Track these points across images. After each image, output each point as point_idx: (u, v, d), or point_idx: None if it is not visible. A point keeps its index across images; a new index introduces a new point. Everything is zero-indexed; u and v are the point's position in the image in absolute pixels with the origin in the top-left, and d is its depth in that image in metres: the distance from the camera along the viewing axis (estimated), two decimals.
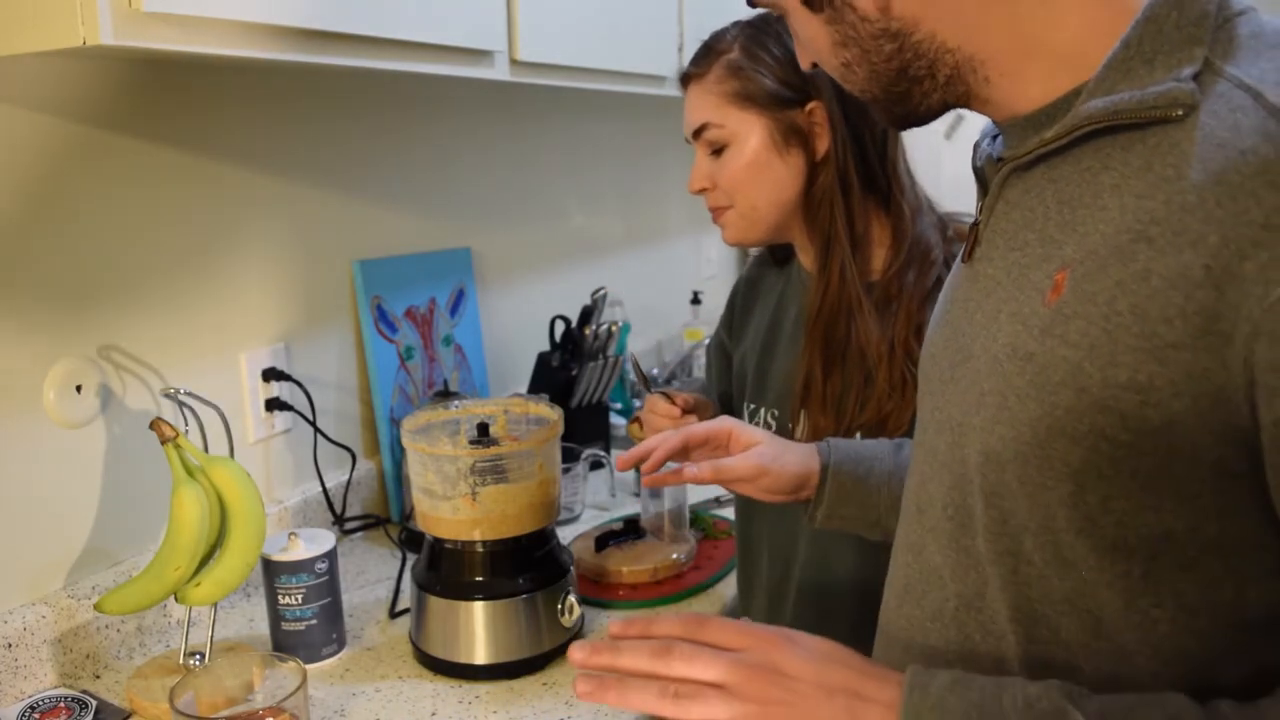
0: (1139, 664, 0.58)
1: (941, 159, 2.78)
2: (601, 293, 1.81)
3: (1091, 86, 0.59)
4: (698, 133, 1.12)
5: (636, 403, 2.16)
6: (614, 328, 1.80)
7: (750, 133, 1.09)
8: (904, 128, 0.71)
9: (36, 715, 1.02)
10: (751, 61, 1.09)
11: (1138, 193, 0.55)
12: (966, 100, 0.66)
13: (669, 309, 2.47)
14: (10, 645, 1.04)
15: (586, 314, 1.79)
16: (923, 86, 0.65)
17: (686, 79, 1.15)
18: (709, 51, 1.13)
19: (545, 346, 1.81)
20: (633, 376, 1.24)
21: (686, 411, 1.15)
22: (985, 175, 0.70)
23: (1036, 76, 0.62)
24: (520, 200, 1.89)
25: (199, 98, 1.25)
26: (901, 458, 0.97)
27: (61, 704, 1.04)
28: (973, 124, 2.91)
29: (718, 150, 1.11)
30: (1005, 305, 0.62)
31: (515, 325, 1.88)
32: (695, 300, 2.47)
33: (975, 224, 0.69)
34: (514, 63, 1.31)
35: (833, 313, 1.09)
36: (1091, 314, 0.55)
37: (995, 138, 0.71)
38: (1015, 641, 0.62)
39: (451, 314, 1.68)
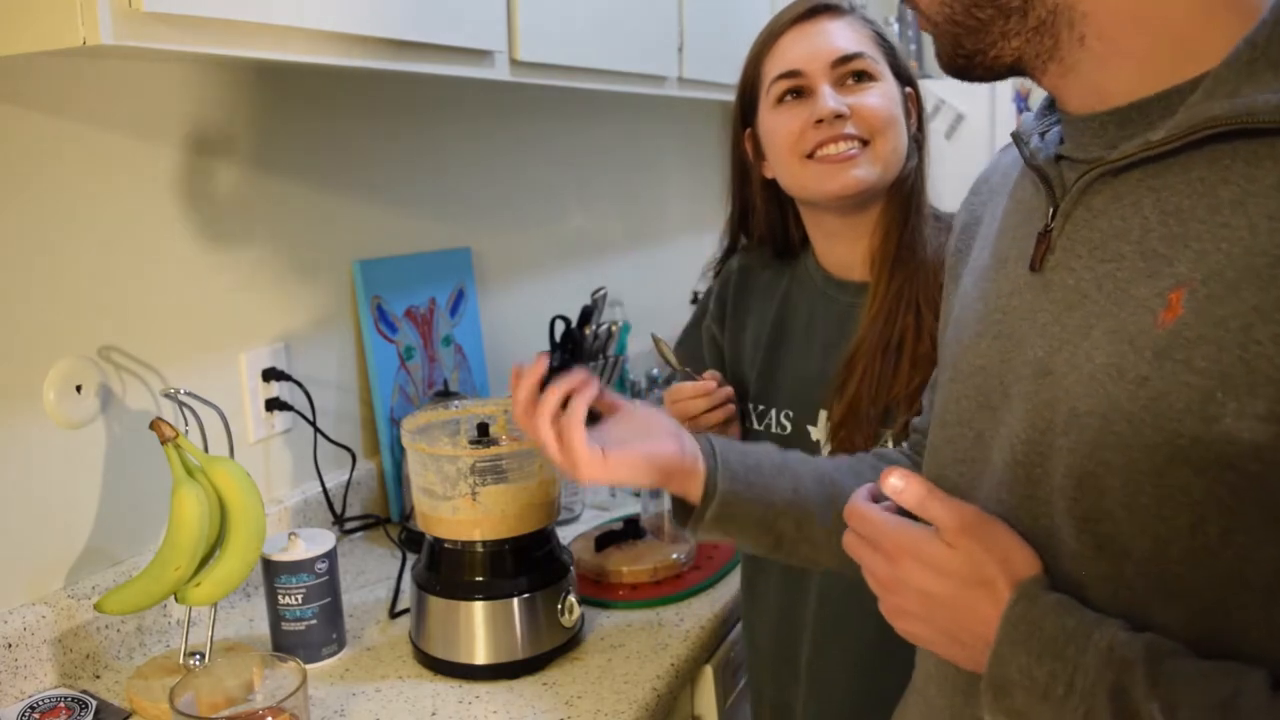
0: None
1: (943, 159, 2.78)
2: (601, 293, 1.80)
3: (1209, 86, 0.55)
4: (849, 59, 1.06)
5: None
6: (614, 328, 1.79)
7: (889, 81, 1.08)
8: (963, 72, 0.65)
9: (36, 715, 1.02)
10: (880, 27, 1.11)
11: (1269, 213, 0.52)
12: (1045, 65, 0.61)
13: (669, 309, 2.46)
14: (10, 645, 1.04)
15: (586, 314, 1.78)
16: (1008, 22, 0.60)
17: (820, 10, 1.09)
18: (840, 3, 1.10)
19: (545, 346, 1.80)
20: (666, 360, 1.18)
21: (720, 384, 1.12)
22: (1048, 176, 0.65)
23: (1136, 54, 0.58)
24: (520, 200, 1.89)
25: (198, 98, 1.25)
26: (791, 456, 0.92)
27: (61, 704, 1.04)
28: (973, 124, 2.91)
29: (858, 79, 1.06)
30: (1100, 321, 0.58)
31: (515, 325, 1.88)
32: (695, 300, 2.47)
33: (1046, 231, 0.64)
34: (514, 63, 1.31)
35: (892, 310, 1.06)
36: (1223, 340, 0.52)
37: (1044, 134, 0.67)
38: None
39: (451, 314, 1.68)
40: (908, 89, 1.11)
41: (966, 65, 0.64)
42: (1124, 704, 0.54)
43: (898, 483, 0.65)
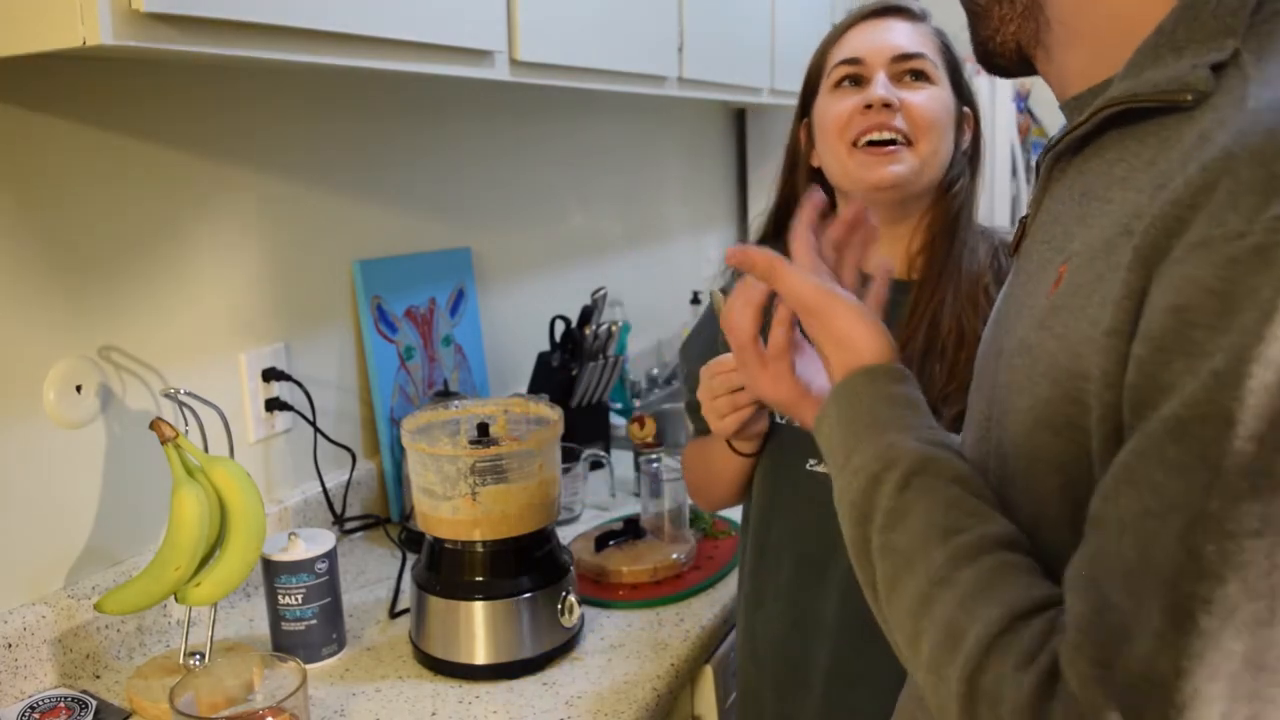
0: None
1: None
2: (601, 293, 1.81)
3: (1122, 72, 0.58)
4: (908, 57, 1.09)
5: (637, 402, 2.16)
6: (614, 328, 1.80)
7: (945, 89, 1.10)
8: (987, 61, 0.70)
9: (36, 715, 1.02)
10: (949, 41, 1.13)
11: (1137, 187, 0.54)
12: (1035, 51, 0.66)
13: (669, 309, 2.47)
14: (10, 645, 1.04)
15: (586, 314, 1.79)
16: (1002, 8, 0.65)
17: (892, 10, 1.13)
18: (916, 6, 1.13)
19: (545, 346, 1.81)
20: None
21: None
22: (1040, 165, 0.69)
23: (1087, 38, 0.62)
24: (520, 200, 1.89)
25: (200, 98, 1.25)
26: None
27: (61, 704, 1.04)
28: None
29: (915, 77, 1.09)
30: (1028, 300, 0.62)
31: (515, 325, 1.88)
32: (695, 300, 2.47)
33: (1024, 220, 0.69)
34: (514, 63, 1.31)
35: (936, 317, 1.07)
36: (1073, 305, 0.55)
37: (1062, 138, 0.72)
38: None
39: (451, 314, 1.68)
40: (965, 108, 1.13)
41: (984, 54, 0.69)
42: (871, 493, 0.61)
43: (737, 252, 0.72)
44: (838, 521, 1.00)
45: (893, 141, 1.07)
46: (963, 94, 1.13)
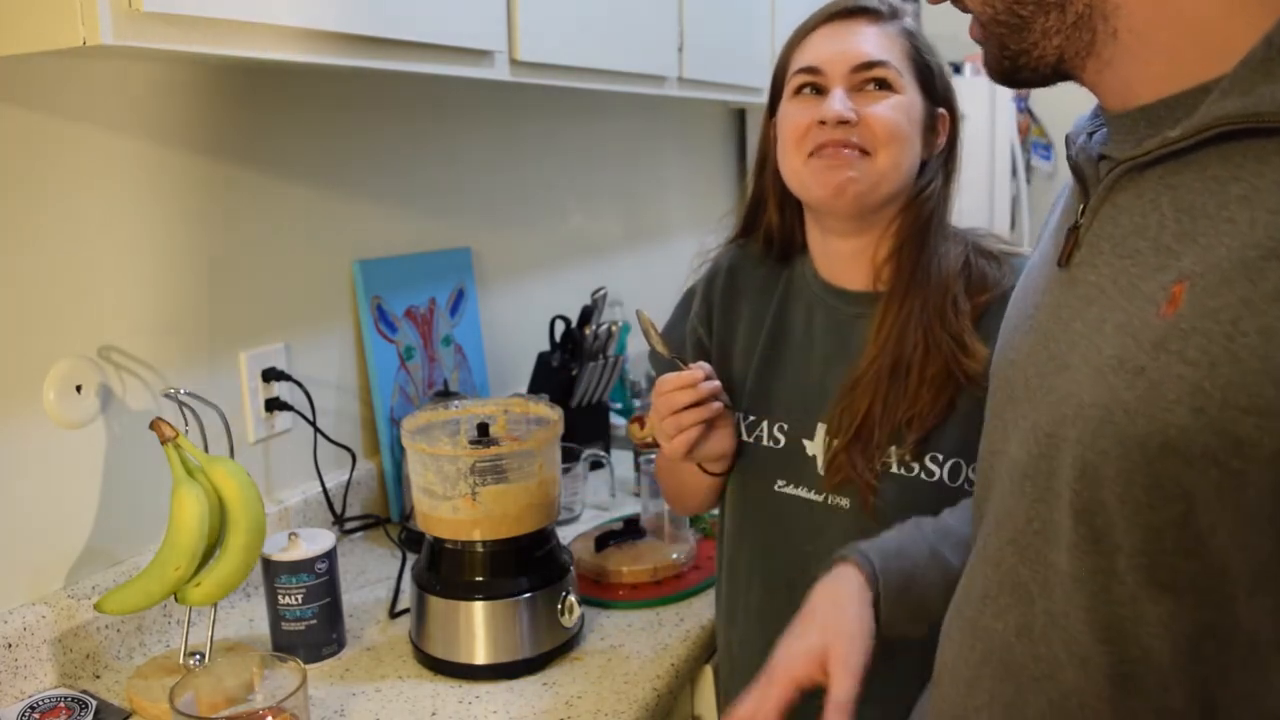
0: (1235, 684, 0.56)
1: None
2: (601, 293, 1.81)
3: (1226, 85, 0.55)
4: (870, 65, 1.04)
5: (637, 402, 2.16)
6: (614, 328, 1.80)
7: (911, 96, 1.06)
8: (1010, 75, 0.66)
9: (36, 715, 1.02)
10: (921, 42, 1.08)
11: (1271, 208, 0.52)
12: (1084, 62, 0.62)
13: (669, 309, 2.46)
14: (10, 645, 1.04)
15: (586, 314, 1.79)
16: (1048, 19, 0.61)
17: (857, 11, 1.07)
18: (884, 6, 1.08)
19: (545, 346, 1.81)
20: (651, 344, 1.13)
21: (708, 378, 1.04)
22: (1085, 174, 0.66)
23: (1164, 48, 0.59)
24: (520, 200, 1.89)
25: (199, 98, 1.25)
26: (930, 534, 0.91)
27: (61, 704, 1.04)
28: (973, 124, 2.90)
29: (878, 86, 1.04)
30: (1111, 315, 0.59)
31: (515, 325, 1.88)
32: None
33: (1075, 227, 0.65)
34: (514, 63, 1.31)
35: (903, 331, 1.03)
36: (1213, 331, 0.52)
37: (1092, 134, 0.68)
38: (1104, 662, 0.60)
39: (451, 314, 1.68)
40: (940, 110, 1.09)
41: (1012, 68, 0.65)
42: None
43: None
44: (806, 544, 0.98)
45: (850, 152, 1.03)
46: (935, 96, 1.09)
